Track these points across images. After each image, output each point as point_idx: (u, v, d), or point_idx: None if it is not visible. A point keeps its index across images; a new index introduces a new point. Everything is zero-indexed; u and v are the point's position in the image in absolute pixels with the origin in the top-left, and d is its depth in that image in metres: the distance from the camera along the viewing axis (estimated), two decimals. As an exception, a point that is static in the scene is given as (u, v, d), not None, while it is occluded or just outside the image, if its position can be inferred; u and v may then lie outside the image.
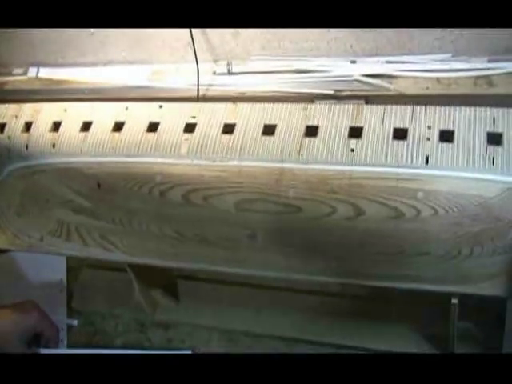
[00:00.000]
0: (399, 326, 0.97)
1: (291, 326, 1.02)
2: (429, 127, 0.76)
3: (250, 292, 1.08)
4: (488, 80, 1.08)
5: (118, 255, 0.93)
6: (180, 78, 1.30)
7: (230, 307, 1.07)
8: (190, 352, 1.01)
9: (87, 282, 1.20)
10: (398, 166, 0.75)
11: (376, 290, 0.85)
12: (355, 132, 0.79)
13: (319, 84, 1.20)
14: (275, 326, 1.03)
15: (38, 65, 1.44)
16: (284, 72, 1.24)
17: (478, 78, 1.09)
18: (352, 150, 0.78)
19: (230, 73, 1.26)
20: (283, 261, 0.84)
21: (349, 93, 1.16)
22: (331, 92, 1.16)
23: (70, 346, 1.06)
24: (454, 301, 0.81)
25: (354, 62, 1.18)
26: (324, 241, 0.81)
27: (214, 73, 1.28)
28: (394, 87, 1.12)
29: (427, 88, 1.11)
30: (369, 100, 1.14)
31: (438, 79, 1.11)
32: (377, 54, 1.17)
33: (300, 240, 0.82)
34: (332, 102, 1.12)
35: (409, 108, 0.79)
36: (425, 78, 1.13)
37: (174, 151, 0.86)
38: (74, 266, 1.20)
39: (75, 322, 1.07)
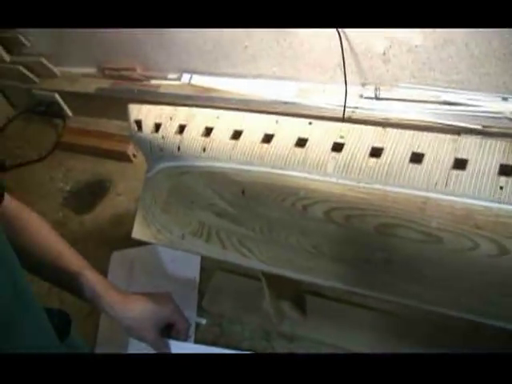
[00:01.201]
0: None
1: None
2: None
3: (376, 316, 1.08)
4: None
5: (254, 262, 0.95)
6: (326, 97, 1.33)
7: (354, 329, 1.07)
8: None
9: (219, 285, 1.24)
10: (549, 211, 0.71)
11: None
12: (506, 170, 0.76)
13: (466, 118, 1.19)
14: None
15: (192, 72, 1.52)
16: (432, 102, 1.23)
17: None
18: (501, 188, 0.75)
19: (377, 98, 1.28)
20: (415, 289, 0.83)
21: (497, 130, 1.15)
22: (479, 127, 1.15)
23: (196, 343, 1.11)
24: None
25: (505, 99, 1.16)
26: (461, 275, 0.79)
27: (361, 96, 1.30)
28: (546, 129, 1.09)
29: None
30: (518, 139, 1.11)
31: None
32: (531, 94, 1.15)
33: (437, 271, 0.81)
34: (479, 137, 1.10)
35: None
36: None
37: (320, 168, 0.86)
38: (208, 267, 1.26)
39: (204, 321, 1.10)
